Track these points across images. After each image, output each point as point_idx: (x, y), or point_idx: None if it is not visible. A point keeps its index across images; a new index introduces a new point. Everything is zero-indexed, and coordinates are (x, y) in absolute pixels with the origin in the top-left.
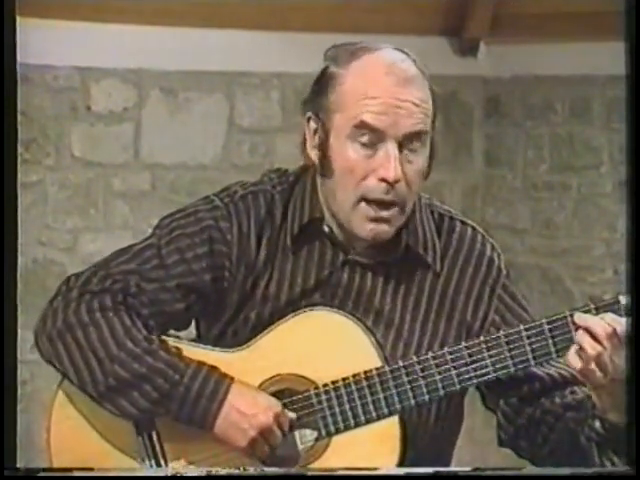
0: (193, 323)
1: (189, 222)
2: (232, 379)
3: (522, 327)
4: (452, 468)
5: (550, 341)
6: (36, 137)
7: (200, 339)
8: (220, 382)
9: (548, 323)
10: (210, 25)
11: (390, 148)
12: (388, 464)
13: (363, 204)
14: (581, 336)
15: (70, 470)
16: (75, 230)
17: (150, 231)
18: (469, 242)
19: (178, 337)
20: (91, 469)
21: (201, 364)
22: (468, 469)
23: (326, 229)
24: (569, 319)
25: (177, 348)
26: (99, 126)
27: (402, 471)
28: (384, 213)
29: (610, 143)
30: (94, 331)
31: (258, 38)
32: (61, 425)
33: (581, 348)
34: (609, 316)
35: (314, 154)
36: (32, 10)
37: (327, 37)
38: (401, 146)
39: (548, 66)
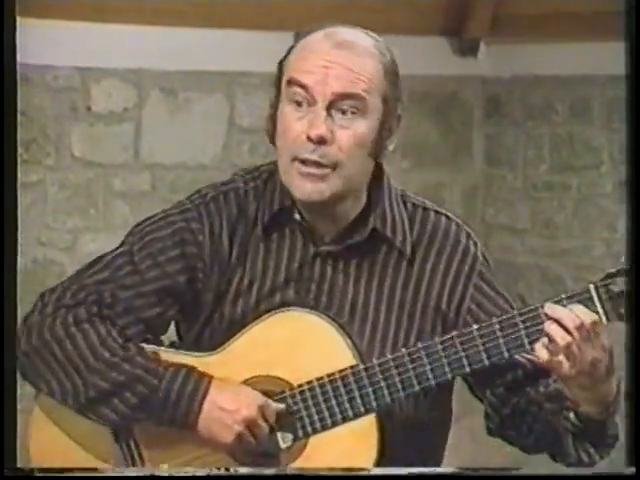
0: (174, 326)
1: (160, 226)
2: (211, 377)
3: (495, 320)
4: (451, 468)
5: (523, 332)
6: (36, 137)
7: (181, 341)
8: (199, 381)
9: (520, 315)
10: (210, 25)
11: (318, 107)
12: (366, 462)
13: (296, 163)
14: (550, 327)
15: (70, 470)
16: (75, 230)
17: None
18: (443, 231)
19: (159, 342)
20: (92, 469)
21: (179, 366)
22: (451, 469)
23: (297, 217)
24: (541, 310)
25: (154, 353)
26: (99, 126)
27: (405, 471)
28: (313, 170)
29: (610, 143)
30: (70, 345)
31: (258, 38)
32: (40, 440)
33: (550, 339)
34: (579, 308)
35: (269, 127)
36: (32, 10)
37: None
38: (330, 108)
39: (548, 66)
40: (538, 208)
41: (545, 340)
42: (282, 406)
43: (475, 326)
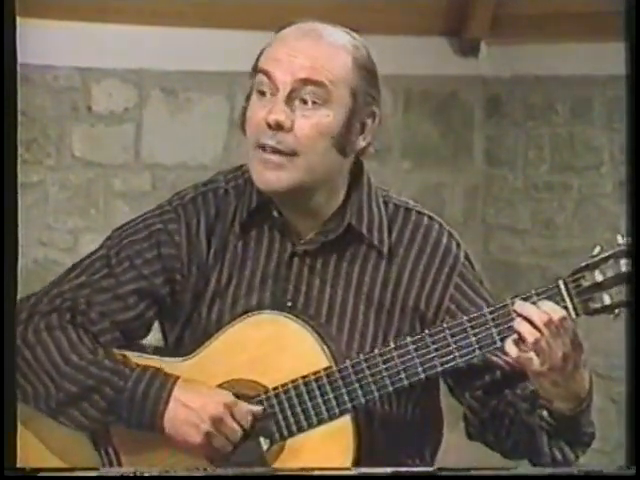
0: (160, 330)
1: (137, 229)
2: (177, 377)
3: (465, 318)
4: (450, 468)
5: (493, 330)
6: (37, 137)
7: (166, 345)
8: (164, 382)
9: (490, 312)
10: (211, 25)
11: (279, 95)
12: (343, 463)
13: (258, 150)
14: (519, 323)
15: (70, 470)
16: (76, 230)
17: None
18: (424, 231)
19: (141, 347)
20: (93, 469)
21: (145, 368)
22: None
23: (275, 214)
24: (510, 307)
25: (123, 355)
26: (100, 126)
27: (404, 470)
28: (271, 157)
29: (611, 143)
30: (42, 350)
31: (259, 38)
32: (24, 446)
33: (520, 336)
34: (547, 304)
35: (241, 119)
36: (32, 10)
37: None
38: (292, 95)
39: (549, 66)
40: (539, 208)
41: (515, 337)
42: (259, 408)
43: (445, 324)
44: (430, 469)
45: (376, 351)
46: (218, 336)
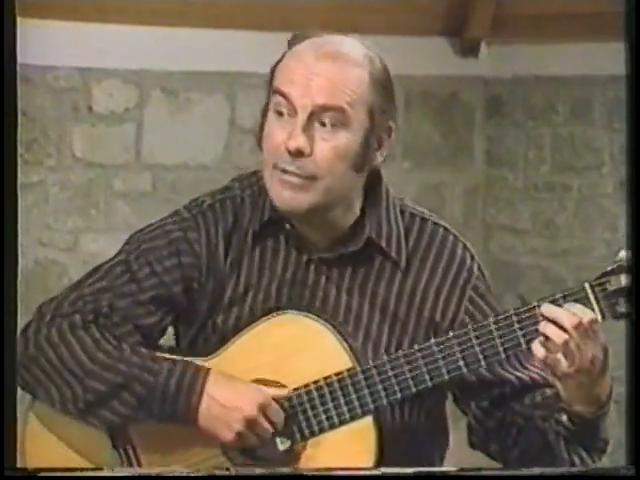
0: (172, 332)
1: (157, 235)
2: (208, 370)
3: (491, 319)
4: (452, 468)
5: (519, 332)
6: (37, 138)
7: (178, 346)
8: (196, 374)
9: (517, 314)
10: (211, 25)
11: (298, 119)
12: (365, 464)
13: (277, 170)
14: (546, 326)
15: (70, 470)
16: (76, 231)
17: None
18: (440, 242)
19: (157, 348)
20: (94, 469)
21: (175, 361)
22: (454, 469)
23: (287, 226)
24: (537, 310)
25: (149, 351)
26: (100, 127)
27: (406, 471)
28: (292, 179)
29: (611, 143)
30: (66, 350)
31: (259, 38)
32: (36, 449)
33: (547, 338)
34: (576, 307)
35: (258, 133)
36: (33, 10)
37: None
38: (311, 119)
39: (549, 66)
40: (539, 209)
41: (542, 338)
42: (287, 406)
43: (471, 326)
44: (453, 469)
45: (400, 352)
46: (240, 336)
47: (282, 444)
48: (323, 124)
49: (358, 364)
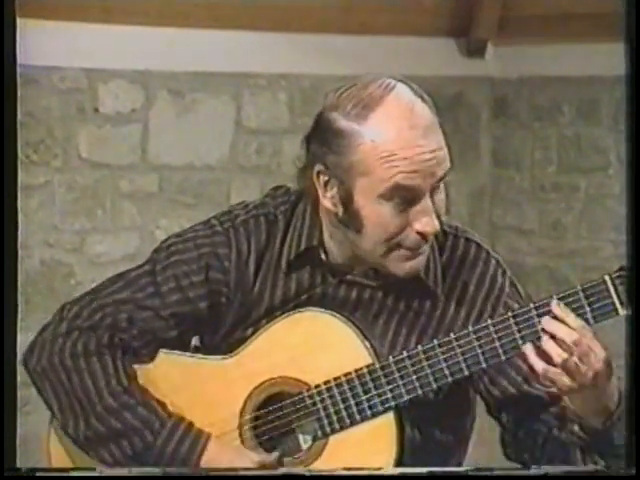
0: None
1: (187, 247)
2: (208, 437)
3: (510, 314)
4: (452, 468)
5: (539, 327)
6: (43, 139)
7: (203, 345)
8: (195, 442)
9: (536, 309)
10: (217, 26)
11: (425, 202)
12: (386, 460)
13: (398, 250)
14: (547, 343)
15: (67, 470)
16: (82, 231)
17: (157, 232)
18: (472, 260)
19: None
20: (92, 469)
21: (178, 422)
22: (463, 469)
23: (323, 257)
24: (553, 303)
25: (158, 401)
26: (106, 127)
27: (416, 471)
28: (419, 250)
29: (618, 144)
30: (77, 377)
31: (265, 39)
32: (60, 458)
33: (547, 354)
34: (577, 322)
35: (330, 204)
36: (38, 12)
37: (334, 38)
38: (432, 194)
39: (555, 67)
40: (545, 209)
41: (534, 351)
42: (276, 455)
43: (490, 321)
44: (469, 468)
45: (419, 347)
46: (260, 334)
47: (305, 442)
48: (437, 191)
49: (378, 360)
